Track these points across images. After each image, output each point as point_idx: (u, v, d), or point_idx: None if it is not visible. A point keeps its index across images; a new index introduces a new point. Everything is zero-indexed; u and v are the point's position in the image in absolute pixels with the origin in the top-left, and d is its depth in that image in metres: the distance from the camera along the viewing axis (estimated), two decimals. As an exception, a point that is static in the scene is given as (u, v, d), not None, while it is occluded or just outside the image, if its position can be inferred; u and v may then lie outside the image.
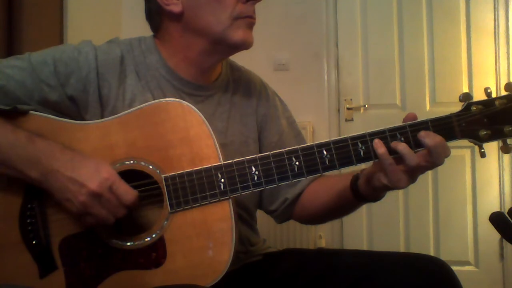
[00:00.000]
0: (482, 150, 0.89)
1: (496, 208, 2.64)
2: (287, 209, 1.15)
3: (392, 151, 0.87)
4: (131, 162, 0.91)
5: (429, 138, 0.86)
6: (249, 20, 1.01)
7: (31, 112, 0.94)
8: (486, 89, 0.89)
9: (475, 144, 0.89)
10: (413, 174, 0.87)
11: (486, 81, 2.66)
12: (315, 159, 0.89)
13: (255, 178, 0.89)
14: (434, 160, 0.85)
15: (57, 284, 0.90)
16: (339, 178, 1.04)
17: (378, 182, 0.89)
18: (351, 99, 2.83)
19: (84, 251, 0.91)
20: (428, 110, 2.73)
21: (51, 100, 0.96)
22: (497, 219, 0.91)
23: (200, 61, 1.04)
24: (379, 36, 2.82)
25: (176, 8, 1.00)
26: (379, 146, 0.87)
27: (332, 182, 1.07)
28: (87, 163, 0.87)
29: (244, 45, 1.02)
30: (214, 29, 1.00)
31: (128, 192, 0.87)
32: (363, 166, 0.93)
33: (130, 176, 0.91)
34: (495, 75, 2.68)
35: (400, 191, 2.72)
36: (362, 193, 0.96)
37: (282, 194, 1.13)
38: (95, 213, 0.86)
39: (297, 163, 0.89)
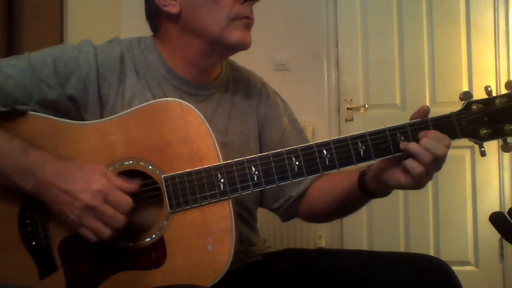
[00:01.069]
0: (482, 149, 0.89)
1: (496, 208, 2.64)
2: (292, 207, 1.15)
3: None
4: (131, 162, 0.91)
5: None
6: (246, 21, 1.01)
7: (30, 112, 0.94)
8: (486, 88, 0.89)
9: (476, 143, 0.89)
10: (430, 172, 0.88)
11: (486, 81, 2.66)
12: (315, 159, 0.89)
13: (255, 178, 0.89)
14: (437, 152, 0.86)
15: (57, 284, 0.90)
16: (345, 175, 1.04)
17: (395, 182, 0.90)
18: (351, 99, 2.83)
19: (84, 251, 0.91)
20: (428, 110, 2.73)
21: (51, 100, 0.96)
22: (497, 219, 0.91)
23: (198, 61, 1.04)
24: (379, 36, 2.82)
25: (173, 9, 1.00)
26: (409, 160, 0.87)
27: (338, 179, 1.07)
28: (79, 174, 0.86)
29: (242, 46, 1.02)
30: (211, 30, 1.00)
31: (123, 200, 0.85)
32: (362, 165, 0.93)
33: (130, 176, 0.90)
34: (495, 75, 2.68)
35: (400, 191, 2.73)
36: (371, 189, 0.97)
37: (286, 192, 1.14)
38: (90, 225, 0.84)
39: (297, 163, 0.89)
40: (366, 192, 0.99)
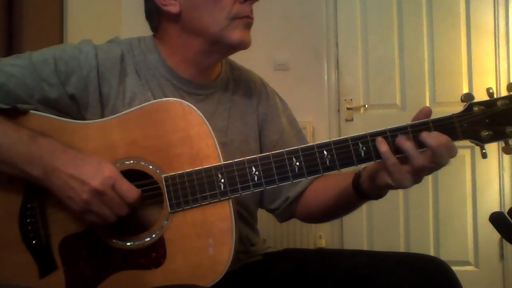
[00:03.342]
0: (484, 150, 0.89)
1: (496, 208, 2.64)
2: (289, 208, 1.15)
3: (397, 151, 0.86)
4: (131, 162, 0.91)
5: (432, 138, 0.85)
6: (246, 20, 1.01)
7: (31, 111, 0.94)
8: (488, 90, 0.88)
9: (477, 144, 0.89)
10: (418, 174, 0.86)
11: (486, 81, 2.66)
12: (315, 160, 0.89)
13: (255, 179, 0.89)
14: (438, 160, 0.85)
15: (56, 284, 0.90)
16: (342, 176, 1.04)
17: (382, 181, 0.89)
18: (351, 99, 2.83)
19: (84, 251, 0.91)
20: (428, 110, 2.73)
21: (52, 99, 0.96)
22: (497, 219, 0.92)
23: (198, 60, 1.04)
24: (379, 36, 2.82)
25: (173, 8, 1.00)
26: (381, 145, 0.86)
27: (334, 180, 1.07)
28: (89, 161, 0.87)
29: (242, 46, 1.02)
30: (211, 29, 1.00)
31: (130, 191, 0.87)
32: (363, 166, 0.93)
33: (130, 176, 0.90)
34: (495, 75, 2.68)
35: (400, 191, 2.73)
36: (364, 190, 0.96)
37: (283, 193, 1.14)
38: (98, 211, 0.85)
39: (297, 163, 0.89)
40: (360, 193, 0.98)
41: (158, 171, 0.90)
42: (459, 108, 0.89)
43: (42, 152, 0.87)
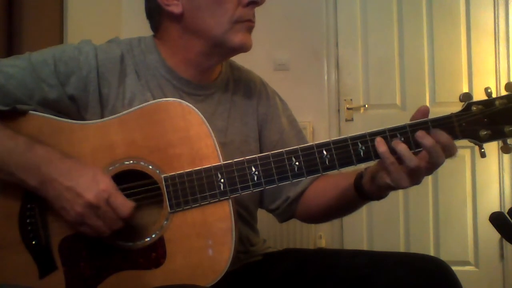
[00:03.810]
0: (482, 150, 0.89)
1: (496, 208, 2.64)
2: (289, 208, 1.15)
3: (394, 151, 0.87)
4: (131, 162, 0.91)
5: (427, 139, 0.85)
6: (248, 24, 1.01)
7: (31, 112, 0.94)
8: (486, 89, 0.88)
9: (475, 144, 0.89)
10: (415, 175, 0.86)
11: (486, 81, 2.66)
12: (315, 159, 0.89)
13: (255, 178, 0.89)
14: (434, 160, 0.85)
15: (56, 284, 0.90)
16: (343, 176, 1.04)
17: (382, 181, 0.89)
18: (351, 99, 2.83)
19: (84, 251, 0.91)
20: (428, 110, 2.73)
21: (51, 100, 0.96)
22: (497, 219, 0.92)
23: (199, 61, 1.04)
24: (379, 36, 2.82)
25: (176, 9, 1.00)
26: (380, 145, 0.87)
27: (336, 180, 1.07)
28: (85, 172, 0.87)
29: (243, 49, 1.02)
30: (213, 32, 1.00)
31: (124, 204, 0.86)
32: (363, 166, 0.93)
33: (130, 176, 0.91)
34: (495, 75, 2.68)
35: (400, 191, 2.73)
36: (366, 191, 0.96)
37: (284, 193, 1.14)
38: (91, 223, 0.85)
39: (297, 163, 0.89)
40: (362, 195, 0.98)
41: (157, 171, 0.90)
42: (459, 108, 0.90)
43: (39, 162, 0.87)
